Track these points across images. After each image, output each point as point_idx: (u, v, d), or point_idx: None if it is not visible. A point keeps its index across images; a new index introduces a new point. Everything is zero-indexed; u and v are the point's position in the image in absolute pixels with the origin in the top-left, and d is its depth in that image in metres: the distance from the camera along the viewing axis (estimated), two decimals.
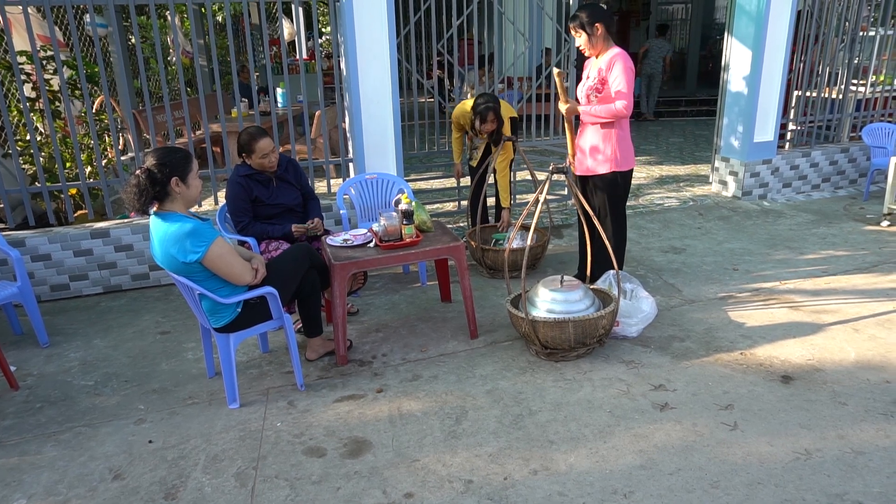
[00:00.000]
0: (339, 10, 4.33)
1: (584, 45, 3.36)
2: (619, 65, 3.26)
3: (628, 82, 3.25)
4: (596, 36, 3.31)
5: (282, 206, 3.48)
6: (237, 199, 3.37)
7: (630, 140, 3.51)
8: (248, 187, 3.37)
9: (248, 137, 3.33)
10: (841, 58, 6.08)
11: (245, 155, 3.37)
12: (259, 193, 3.40)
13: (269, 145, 3.33)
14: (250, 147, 3.32)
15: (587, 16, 3.28)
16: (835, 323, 3.37)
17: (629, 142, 3.50)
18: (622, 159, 3.44)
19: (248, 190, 3.37)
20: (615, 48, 3.33)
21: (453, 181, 5.52)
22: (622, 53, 3.30)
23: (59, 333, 3.57)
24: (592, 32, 3.30)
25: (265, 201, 3.43)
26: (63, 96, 4.05)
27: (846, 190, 6.16)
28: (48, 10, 3.80)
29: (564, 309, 3.01)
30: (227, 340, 2.72)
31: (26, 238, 3.91)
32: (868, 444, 2.39)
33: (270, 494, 2.25)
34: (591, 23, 3.28)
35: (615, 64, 3.27)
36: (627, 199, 3.64)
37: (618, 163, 3.44)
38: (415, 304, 3.83)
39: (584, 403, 2.72)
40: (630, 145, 3.50)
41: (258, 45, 10.41)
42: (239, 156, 3.42)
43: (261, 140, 3.31)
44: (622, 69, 3.25)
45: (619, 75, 3.25)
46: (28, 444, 2.58)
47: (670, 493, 2.17)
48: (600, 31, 3.30)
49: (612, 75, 3.28)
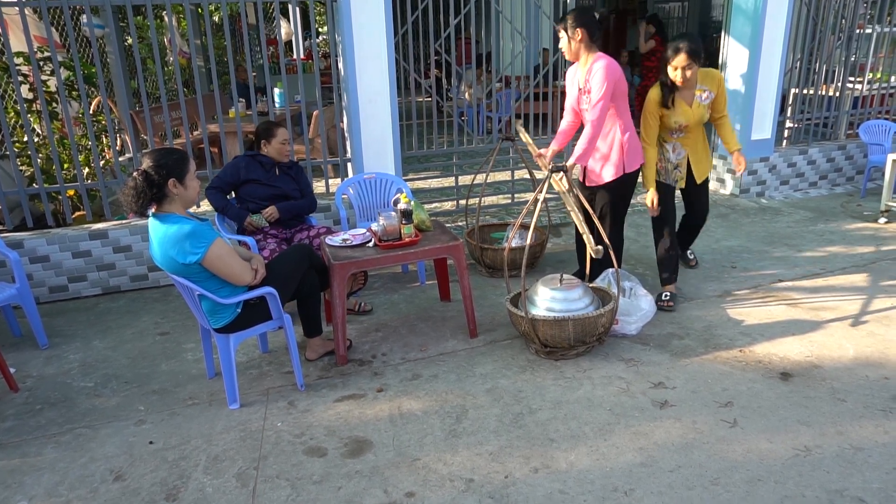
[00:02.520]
0: (336, 10, 4.33)
1: (564, 48, 3.31)
2: (600, 74, 3.16)
3: (605, 94, 3.15)
4: (575, 40, 3.24)
5: (279, 189, 3.63)
6: (227, 168, 3.61)
7: (636, 137, 3.41)
8: (245, 166, 3.59)
9: (268, 124, 3.61)
10: (838, 55, 6.10)
11: (264, 141, 3.61)
12: (258, 175, 3.60)
13: (286, 134, 3.65)
14: (271, 133, 3.59)
15: (572, 18, 3.23)
16: (833, 320, 3.38)
17: (636, 140, 3.40)
18: (629, 161, 3.37)
19: (243, 169, 3.58)
20: (598, 54, 3.26)
21: (451, 180, 5.51)
22: (605, 59, 3.20)
23: (59, 335, 3.56)
24: (572, 35, 3.24)
25: (262, 181, 3.59)
26: (60, 97, 4.04)
27: (843, 187, 6.18)
28: (45, 10, 3.79)
29: (564, 307, 3.01)
30: (227, 341, 2.72)
31: (24, 239, 3.90)
32: (867, 440, 2.40)
33: (272, 494, 2.25)
34: (574, 26, 3.23)
35: (596, 73, 3.19)
36: (632, 198, 3.59)
37: (625, 166, 3.37)
38: (414, 303, 3.83)
39: (584, 401, 2.73)
40: (637, 143, 3.40)
41: (255, 46, 10.40)
42: (256, 145, 3.65)
43: (280, 128, 3.62)
44: (602, 77, 3.15)
45: (599, 84, 3.16)
46: (28, 445, 2.58)
47: (671, 491, 2.18)
48: (580, 37, 3.23)
49: (595, 84, 3.20)
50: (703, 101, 3.41)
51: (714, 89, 3.41)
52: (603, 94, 3.17)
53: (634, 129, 3.43)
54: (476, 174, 4.58)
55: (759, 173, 5.80)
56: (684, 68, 3.23)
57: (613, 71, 3.18)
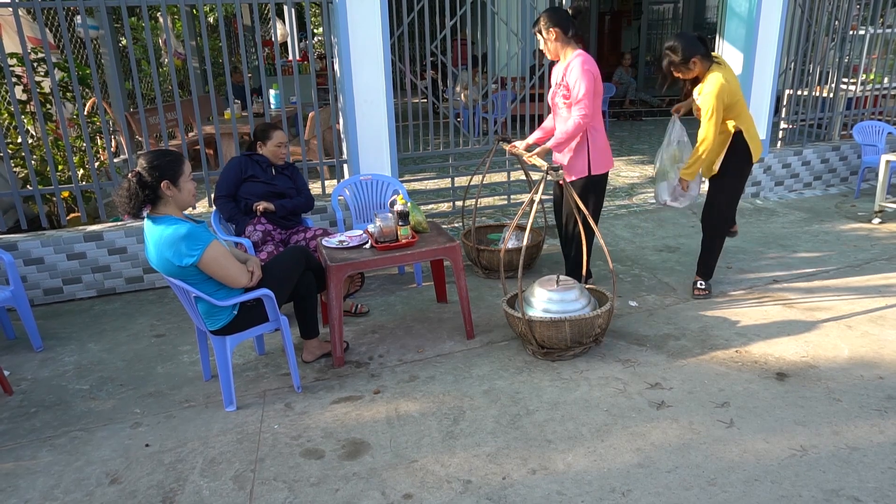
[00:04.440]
0: (332, 11, 4.33)
1: (544, 49, 3.40)
2: (577, 69, 3.22)
3: (587, 88, 3.21)
4: (550, 40, 3.31)
5: (276, 187, 3.67)
6: (227, 170, 3.62)
7: (605, 141, 3.47)
8: (244, 165, 3.61)
9: (266, 126, 3.65)
10: (831, 57, 6.13)
11: (260, 143, 3.64)
12: (255, 172, 3.63)
13: (283, 137, 3.66)
14: (267, 135, 3.63)
15: (544, 20, 3.30)
16: (828, 320, 3.39)
17: (605, 143, 3.45)
18: (595, 164, 3.41)
19: (243, 168, 3.60)
20: (577, 51, 3.32)
21: (447, 182, 5.51)
22: (581, 56, 3.27)
23: (53, 337, 3.55)
24: (547, 37, 3.31)
25: (259, 178, 3.62)
26: (55, 99, 4.02)
27: (838, 188, 6.21)
28: (39, 11, 3.78)
29: (561, 308, 3.02)
30: (223, 343, 2.72)
31: (18, 241, 3.88)
32: (862, 439, 2.41)
33: (269, 497, 2.24)
34: (547, 27, 3.29)
35: (573, 68, 3.25)
36: (602, 202, 3.60)
37: (590, 168, 3.41)
38: (411, 304, 3.83)
39: (581, 402, 2.73)
40: (606, 147, 3.46)
41: (251, 47, 10.38)
42: (253, 145, 3.67)
43: (277, 130, 3.65)
44: (580, 73, 3.21)
45: (578, 79, 3.22)
46: (23, 449, 2.56)
47: (668, 491, 2.18)
48: (555, 36, 3.29)
49: (572, 80, 3.26)
50: (696, 98, 3.48)
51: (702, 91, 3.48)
52: (584, 88, 3.21)
53: (604, 132, 3.47)
54: (472, 175, 4.58)
55: (755, 174, 5.82)
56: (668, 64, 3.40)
57: (591, 65, 3.25)
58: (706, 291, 3.74)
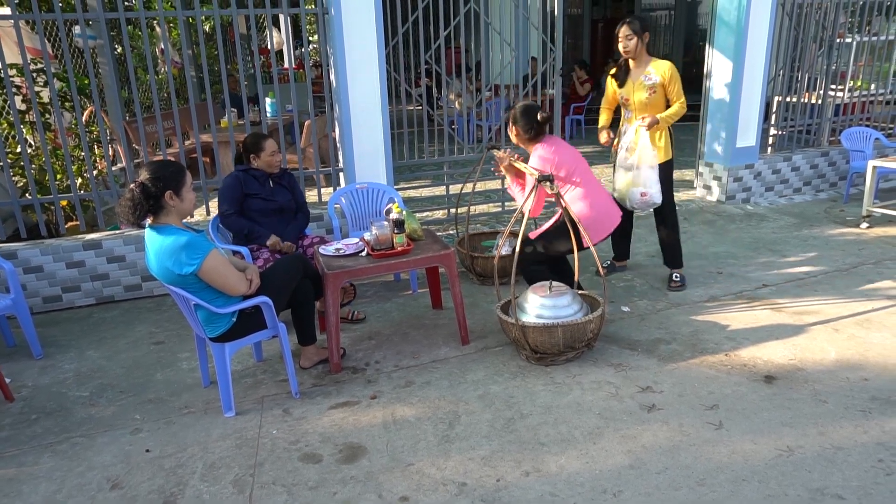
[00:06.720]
0: (327, 21, 4.39)
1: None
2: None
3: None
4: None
5: (276, 202, 3.64)
6: (229, 188, 3.56)
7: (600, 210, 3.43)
8: (243, 181, 3.57)
9: (256, 138, 3.59)
10: (819, 64, 6.23)
11: (253, 156, 3.59)
12: (254, 189, 3.59)
13: (274, 145, 3.62)
14: (259, 146, 3.57)
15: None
16: (816, 323, 3.46)
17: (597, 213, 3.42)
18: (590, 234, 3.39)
19: (243, 184, 3.57)
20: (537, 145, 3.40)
21: (442, 189, 5.57)
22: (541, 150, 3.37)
23: (53, 345, 3.58)
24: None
25: (260, 195, 3.59)
26: (54, 108, 4.07)
27: (827, 193, 6.30)
28: (39, 23, 3.83)
29: (553, 314, 3.07)
30: (222, 350, 2.76)
31: (18, 250, 3.92)
32: (847, 439, 2.47)
33: (268, 500, 2.29)
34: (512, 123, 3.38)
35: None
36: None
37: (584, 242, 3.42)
38: (406, 311, 3.88)
39: (573, 406, 2.79)
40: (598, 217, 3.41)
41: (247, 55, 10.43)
42: (245, 159, 3.63)
43: (268, 140, 3.60)
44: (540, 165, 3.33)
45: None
46: (25, 455, 2.60)
47: (658, 492, 2.24)
48: (516, 132, 3.40)
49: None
50: (645, 82, 3.73)
51: (659, 75, 3.71)
52: None
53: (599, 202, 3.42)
54: (464, 183, 4.64)
55: (745, 180, 5.91)
56: (625, 38, 3.69)
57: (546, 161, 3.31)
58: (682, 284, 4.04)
